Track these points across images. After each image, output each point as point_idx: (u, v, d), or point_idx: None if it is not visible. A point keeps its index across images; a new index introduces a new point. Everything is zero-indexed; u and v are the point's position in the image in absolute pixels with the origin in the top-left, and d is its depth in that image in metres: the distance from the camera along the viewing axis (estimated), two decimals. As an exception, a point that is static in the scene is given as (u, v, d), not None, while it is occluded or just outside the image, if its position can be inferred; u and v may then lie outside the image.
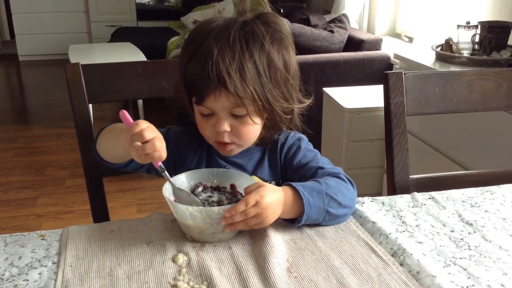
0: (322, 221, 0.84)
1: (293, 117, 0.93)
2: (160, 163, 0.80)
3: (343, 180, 0.89)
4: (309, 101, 0.94)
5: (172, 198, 0.82)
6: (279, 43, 0.87)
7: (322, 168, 0.91)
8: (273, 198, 0.78)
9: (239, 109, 0.85)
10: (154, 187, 2.81)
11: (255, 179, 0.89)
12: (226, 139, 0.88)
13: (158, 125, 0.98)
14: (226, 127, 0.86)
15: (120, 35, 4.77)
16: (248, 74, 0.82)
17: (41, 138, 3.61)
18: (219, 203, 0.84)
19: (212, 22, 0.87)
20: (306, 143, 0.98)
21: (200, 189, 0.87)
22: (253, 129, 0.89)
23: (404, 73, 1.08)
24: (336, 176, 0.89)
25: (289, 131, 0.98)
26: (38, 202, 2.68)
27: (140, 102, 3.64)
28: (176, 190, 0.82)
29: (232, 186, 0.88)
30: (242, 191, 0.85)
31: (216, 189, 0.88)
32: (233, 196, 0.86)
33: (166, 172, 0.81)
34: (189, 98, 0.89)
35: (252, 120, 0.87)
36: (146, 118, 3.90)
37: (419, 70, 1.18)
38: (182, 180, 0.87)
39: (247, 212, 0.76)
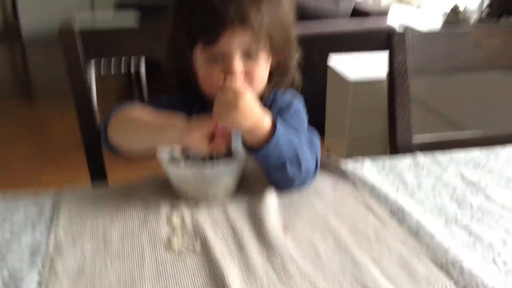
0: (273, 170, 0.80)
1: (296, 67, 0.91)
2: None
3: (314, 157, 0.84)
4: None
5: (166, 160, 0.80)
6: None
7: None
8: (249, 108, 0.73)
9: (253, 48, 0.81)
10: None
11: None
12: (239, 83, 0.81)
13: (160, 95, 0.96)
14: (241, 67, 0.82)
15: (124, 4, 4.67)
16: (264, 9, 0.79)
17: (46, 114, 3.60)
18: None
19: None
20: (297, 108, 0.93)
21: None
22: (264, 71, 0.86)
23: (408, 32, 1.04)
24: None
25: (285, 91, 0.94)
26: (42, 177, 2.68)
27: (142, 72, 3.60)
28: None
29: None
30: (236, 152, 0.83)
31: None
32: (226, 159, 0.83)
33: None
34: (191, 49, 0.84)
35: (265, 60, 0.84)
36: (149, 88, 3.86)
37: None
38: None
39: (222, 95, 0.73)
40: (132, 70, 3.80)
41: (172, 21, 0.87)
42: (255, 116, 0.74)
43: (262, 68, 0.85)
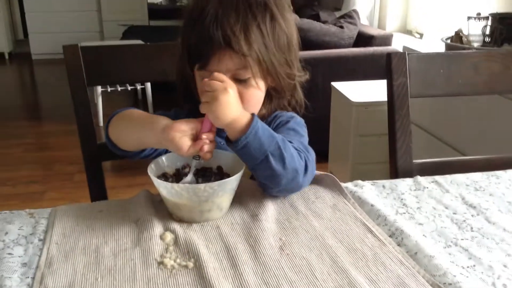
0: (257, 166, 0.78)
1: (296, 87, 0.92)
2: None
3: (303, 159, 0.83)
4: (307, 74, 0.93)
5: (156, 177, 0.79)
6: (280, 10, 0.86)
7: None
8: (235, 97, 0.78)
9: (243, 72, 0.83)
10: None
11: None
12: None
13: (166, 109, 0.97)
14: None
15: (131, 33, 4.78)
16: (253, 35, 0.81)
17: (51, 134, 3.62)
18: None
19: None
20: (295, 123, 0.93)
21: (187, 170, 0.84)
22: (257, 94, 0.87)
23: (408, 54, 1.05)
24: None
25: (287, 112, 0.95)
26: (46, 196, 2.68)
27: (148, 87, 3.63)
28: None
29: (219, 168, 0.85)
30: (229, 172, 0.83)
31: (202, 170, 0.85)
32: (220, 178, 0.83)
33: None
34: (191, 68, 0.87)
35: (256, 84, 0.85)
36: (154, 103, 3.89)
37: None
38: (170, 160, 0.85)
39: (209, 83, 0.76)
40: (138, 86, 3.85)
41: (180, 37, 0.90)
42: (235, 110, 0.77)
43: (255, 92, 0.86)
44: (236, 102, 0.78)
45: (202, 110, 0.78)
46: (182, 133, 0.77)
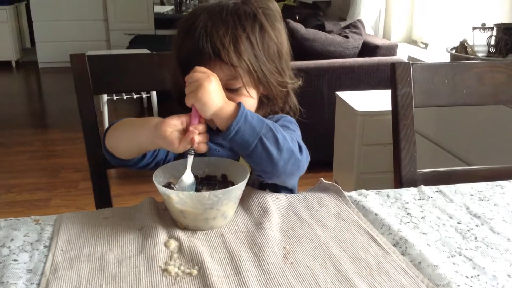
0: (253, 152, 0.78)
1: (289, 94, 0.93)
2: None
3: (295, 141, 0.83)
4: (300, 81, 0.94)
5: (162, 186, 0.80)
6: (270, 20, 0.88)
7: None
8: (219, 86, 0.79)
9: (234, 82, 0.85)
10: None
11: (244, 163, 0.86)
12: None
13: None
14: None
15: (137, 42, 4.82)
16: (242, 46, 0.83)
17: (57, 141, 3.64)
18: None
19: (204, 5, 0.89)
20: (286, 121, 0.94)
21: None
22: (249, 102, 0.88)
23: (412, 64, 1.05)
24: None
25: (280, 115, 0.96)
26: (51, 203, 2.69)
27: (154, 95, 3.65)
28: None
29: (223, 176, 0.86)
30: (233, 180, 0.84)
31: (207, 178, 0.86)
32: (224, 186, 0.83)
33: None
34: (184, 79, 0.87)
35: (248, 92, 0.86)
36: (159, 111, 3.90)
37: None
38: (172, 169, 0.85)
39: (193, 74, 0.78)
40: (144, 95, 3.87)
41: (173, 48, 0.91)
42: (220, 97, 0.79)
43: (246, 100, 0.87)
44: (220, 91, 0.79)
45: (188, 101, 0.79)
46: (173, 127, 0.78)
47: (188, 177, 0.81)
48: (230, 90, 0.85)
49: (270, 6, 0.89)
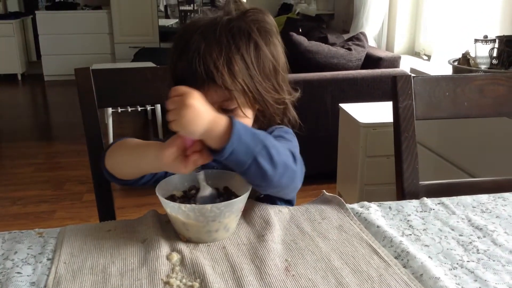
0: (247, 169, 0.75)
1: (287, 108, 0.92)
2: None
3: (292, 156, 0.81)
4: (298, 93, 0.93)
5: (164, 198, 0.80)
6: (265, 36, 0.86)
7: None
8: (202, 105, 0.71)
9: (228, 103, 0.84)
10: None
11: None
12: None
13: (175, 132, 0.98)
14: None
15: (142, 55, 4.85)
16: (236, 67, 0.82)
17: (62, 154, 3.66)
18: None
19: (198, 20, 0.87)
20: (282, 131, 0.92)
21: (193, 191, 0.85)
22: (245, 122, 0.86)
23: (413, 77, 1.06)
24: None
25: (278, 126, 0.95)
26: (56, 215, 2.70)
27: (158, 108, 3.67)
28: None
29: (226, 189, 0.86)
30: (235, 193, 0.84)
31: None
32: (226, 198, 0.83)
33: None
34: None
35: (243, 113, 0.86)
36: (164, 124, 3.90)
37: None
38: (176, 182, 0.86)
39: (170, 100, 0.71)
40: (148, 107, 3.89)
41: (168, 67, 0.91)
42: (208, 114, 0.72)
43: (242, 120, 0.85)
44: (203, 110, 0.71)
45: (172, 129, 0.73)
46: (172, 155, 0.75)
47: (205, 191, 0.82)
48: (225, 111, 0.84)
49: (265, 19, 0.88)
